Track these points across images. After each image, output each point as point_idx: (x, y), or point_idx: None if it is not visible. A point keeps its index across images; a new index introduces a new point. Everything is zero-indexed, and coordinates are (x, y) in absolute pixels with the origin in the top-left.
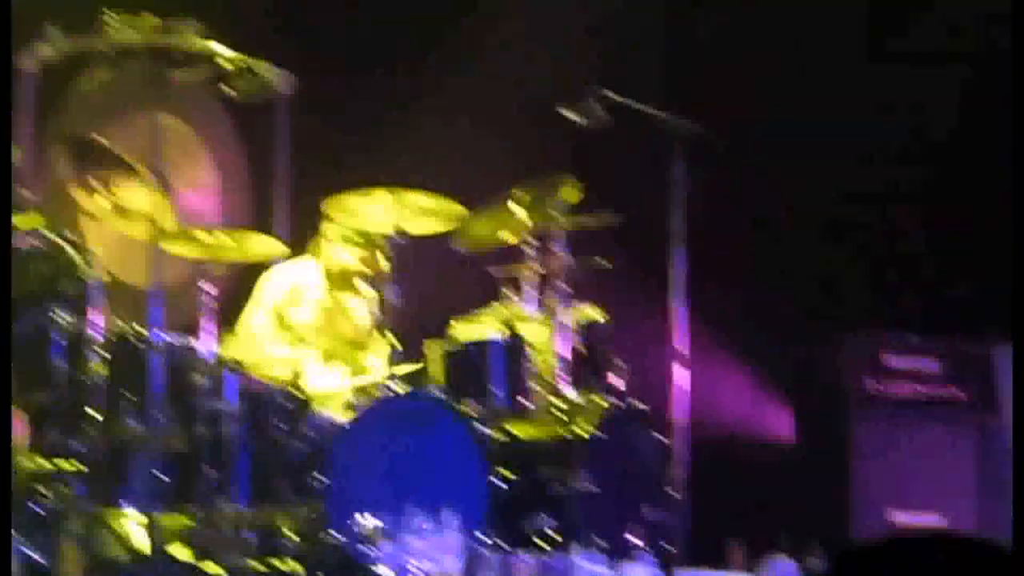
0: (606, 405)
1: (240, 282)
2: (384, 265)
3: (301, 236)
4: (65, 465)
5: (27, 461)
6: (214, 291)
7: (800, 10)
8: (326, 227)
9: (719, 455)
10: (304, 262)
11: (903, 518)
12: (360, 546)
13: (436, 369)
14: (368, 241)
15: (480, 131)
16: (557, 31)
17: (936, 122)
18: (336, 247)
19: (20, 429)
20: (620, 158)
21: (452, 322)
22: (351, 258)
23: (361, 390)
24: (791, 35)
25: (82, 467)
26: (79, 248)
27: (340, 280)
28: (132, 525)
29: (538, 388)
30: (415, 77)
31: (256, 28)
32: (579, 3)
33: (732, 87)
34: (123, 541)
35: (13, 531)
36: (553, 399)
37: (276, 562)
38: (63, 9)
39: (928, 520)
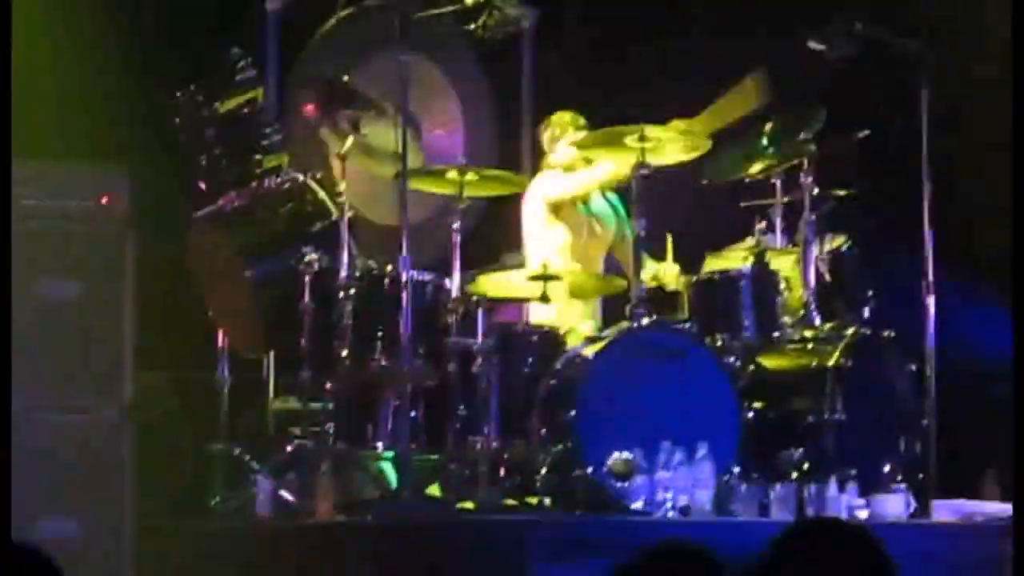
0: (856, 334)
1: (487, 219)
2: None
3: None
4: (316, 406)
5: (279, 403)
6: (462, 227)
7: None
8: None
9: (972, 383)
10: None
11: None
12: (612, 480)
13: (684, 302)
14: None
15: (725, 63)
16: None
17: None
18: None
19: (270, 370)
20: (866, 87)
21: (706, 256)
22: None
23: (610, 321)
24: None
25: (333, 407)
26: (327, 187)
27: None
28: (384, 464)
29: (787, 319)
30: (658, 7)
31: None
32: None
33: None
34: (376, 479)
35: (269, 472)
36: (802, 330)
37: (529, 498)
38: None
39: None
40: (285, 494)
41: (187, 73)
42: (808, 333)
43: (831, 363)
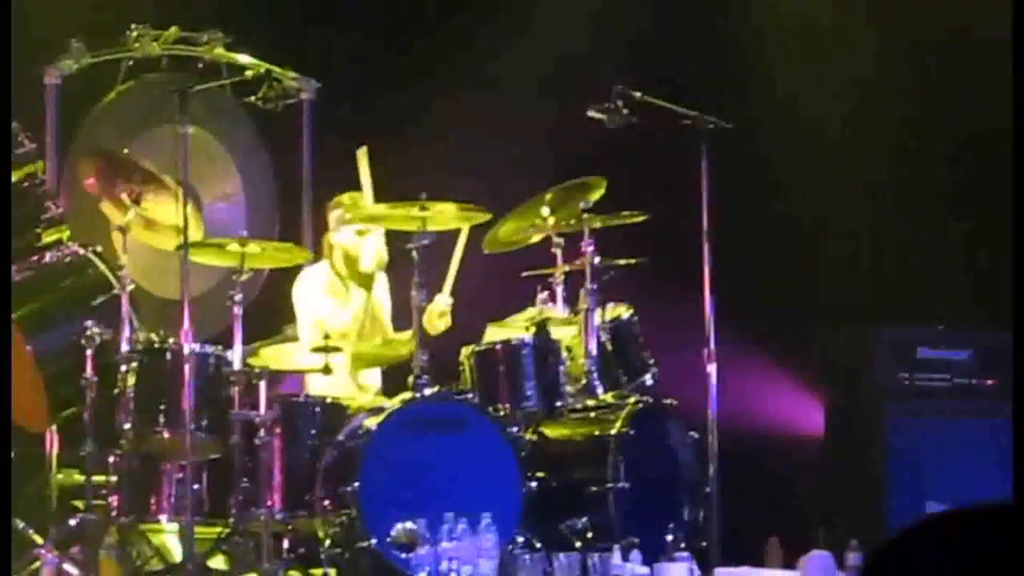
0: (638, 403)
1: (268, 290)
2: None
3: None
4: (99, 479)
5: (62, 476)
6: (243, 300)
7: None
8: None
9: (751, 451)
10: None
11: (938, 510)
12: (396, 551)
13: (467, 372)
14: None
15: (505, 135)
16: (578, 30)
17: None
18: (343, 232)
19: (52, 444)
20: (646, 156)
21: (488, 326)
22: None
23: (393, 392)
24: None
25: (116, 480)
26: (108, 261)
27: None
28: (168, 536)
29: (570, 388)
30: (439, 82)
31: (278, 37)
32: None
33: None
34: (160, 552)
35: (51, 544)
36: (585, 398)
37: (314, 570)
38: (86, 24)
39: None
40: (69, 568)
41: None
42: (590, 402)
43: (614, 431)
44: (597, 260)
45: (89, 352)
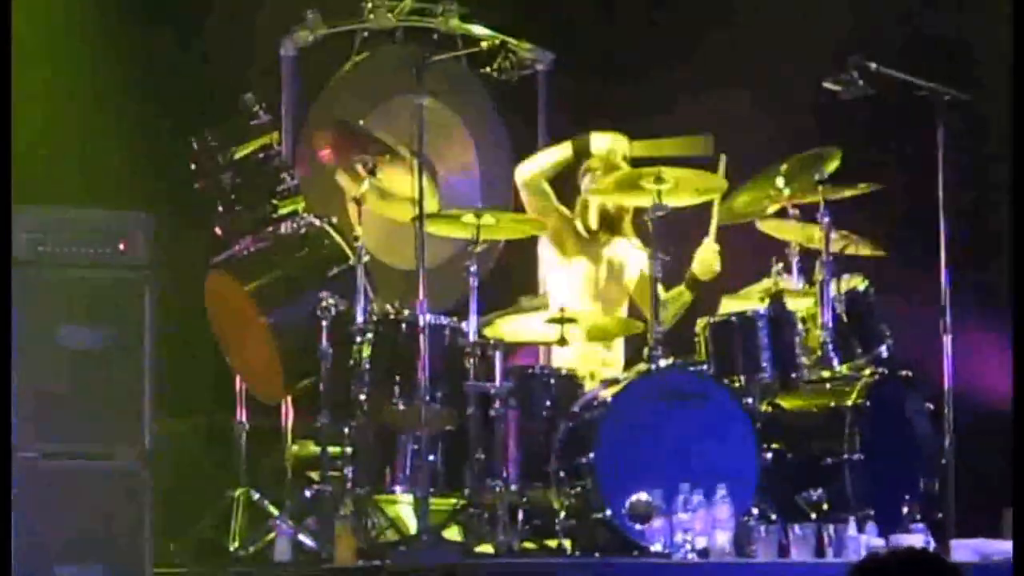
0: (874, 374)
1: (504, 262)
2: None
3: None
4: (335, 450)
5: (298, 448)
6: (478, 271)
7: None
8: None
9: (987, 422)
10: None
11: None
12: (632, 523)
13: (702, 343)
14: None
15: (742, 104)
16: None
17: None
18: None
19: (288, 415)
20: (883, 128)
21: (723, 298)
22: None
23: (628, 364)
24: None
25: (351, 451)
26: (343, 232)
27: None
28: (403, 508)
29: (805, 360)
30: (676, 52)
31: (514, 7)
32: None
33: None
34: (395, 524)
35: (286, 515)
36: (820, 370)
37: (549, 542)
38: None
39: None
40: (305, 539)
41: (203, 119)
42: (826, 373)
43: (849, 403)
44: (833, 233)
45: (325, 324)
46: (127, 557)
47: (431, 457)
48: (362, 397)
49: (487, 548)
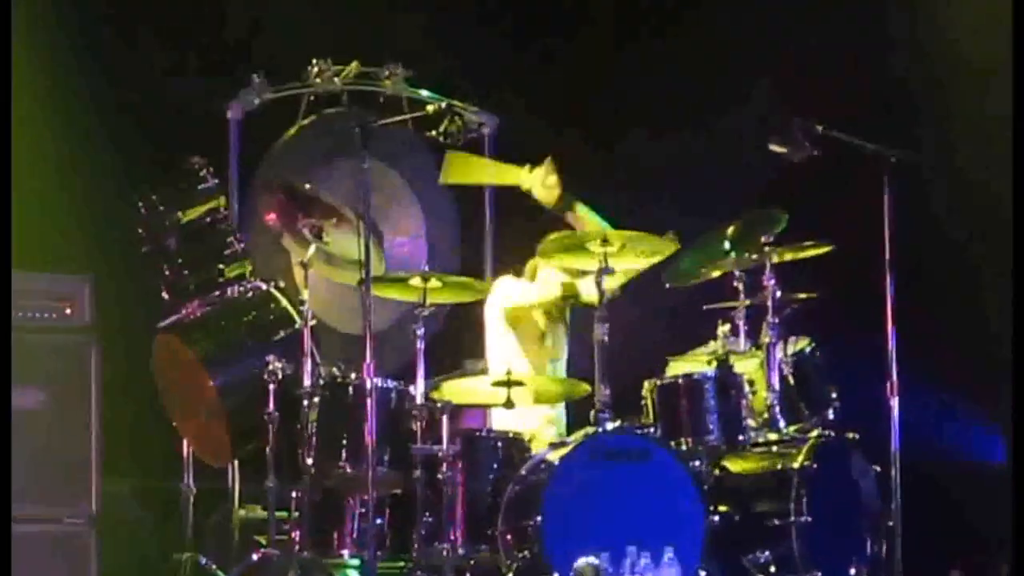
0: (821, 436)
1: (450, 326)
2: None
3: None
4: (282, 513)
5: (245, 511)
6: (425, 334)
7: None
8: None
9: (934, 483)
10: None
11: None
12: None
13: (649, 406)
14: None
15: (689, 167)
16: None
17: None
18: (551, 273)
19: (234, 478)
20: (827, 189)
21: (669, 360)
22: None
23: (575, 427)
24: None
25: (298, 514)
26: (290, 295)
27: (554, 309)
28: (350, 571)
29: (752, 422)
30: (620, 115)
31: (457, 71)
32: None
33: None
34: None
35: None
36: (767, 432)
37: None
38: (268, 59)
39: None
40: None
41: (149, 182)
42: (773, 436)
43: (796, 465)
44: (778, 293)
45: (272, 387)
46: None
47: (378, 520)
48: (309, 460)
49: None
